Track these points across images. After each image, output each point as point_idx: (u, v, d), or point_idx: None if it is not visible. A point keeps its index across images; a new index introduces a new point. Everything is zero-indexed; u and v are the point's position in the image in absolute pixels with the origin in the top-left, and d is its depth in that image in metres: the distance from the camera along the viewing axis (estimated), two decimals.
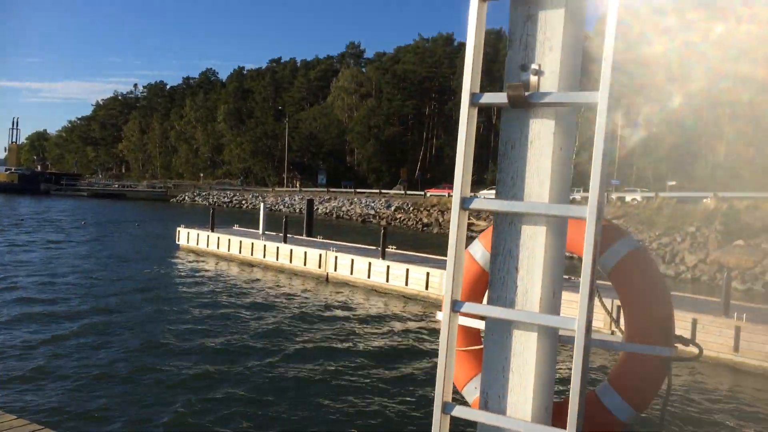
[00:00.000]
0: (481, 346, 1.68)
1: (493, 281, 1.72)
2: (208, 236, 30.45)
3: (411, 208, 58.12)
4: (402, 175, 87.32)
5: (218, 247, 29.65)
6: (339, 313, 18.65)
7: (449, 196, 57.78)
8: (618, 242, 2.63)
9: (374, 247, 25.06)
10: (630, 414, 2.55)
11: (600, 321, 14.27)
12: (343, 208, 66.17)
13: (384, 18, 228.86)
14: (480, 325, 2.59)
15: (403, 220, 56.79)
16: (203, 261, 28.16)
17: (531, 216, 1.65)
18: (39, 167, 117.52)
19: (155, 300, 19.07)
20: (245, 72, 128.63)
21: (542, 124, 1.63)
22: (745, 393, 12.58)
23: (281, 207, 70.68)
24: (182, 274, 24.65)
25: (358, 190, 77.88)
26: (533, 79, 1.62)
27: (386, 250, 23.27)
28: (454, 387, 2.76)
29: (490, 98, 1.66)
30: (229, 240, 29.14)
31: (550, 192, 1.63)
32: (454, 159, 1.67)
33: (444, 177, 79.44)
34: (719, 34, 65.30)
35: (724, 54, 64.11)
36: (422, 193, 67.45)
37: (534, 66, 1.62)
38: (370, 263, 22.79)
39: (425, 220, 53.71)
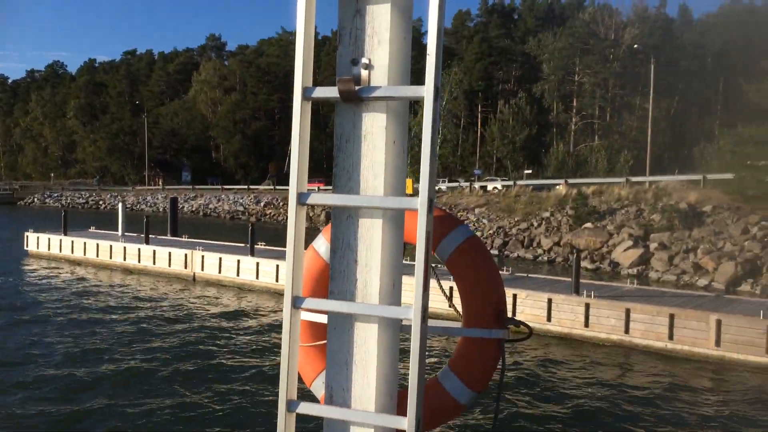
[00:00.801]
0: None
1: (334, 275, 1.73)
2: (60, 240, 28.42)
3: (281, 203, 57.47)
4: (271, 170, 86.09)
5: (72, 252, 27.76)
6: (204, 314, 18.10)
7: (319, 189, 57.77)
8: (454, 231, 2.73)
9: (243, 245, 24.55)
10: (469, 396, 2.68)
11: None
12: (210, 206, 64.30)
13: (245, 10, 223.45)
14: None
15: (273, 215, 56.08)
16: (56, 268, 26.23)
17: (367, 209, 1.67)
18: None
19: (4, 318, 17.42)
20: (97, 65, 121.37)
21: (374, 118, 1.65)
22: (594, 363, 13.62)
23: (143, 206, 67.54)
24: (33, 284, 22.81)
25: (226, 187, 75.91)
26: (364, 73, 1.63)
27: (255, 246, 22.87)
28: (304, 384, 2.75)
29: (322, 92, 1.66)
30: (85, 243, 27.37)
31: (385, 185, 1.66)
32: (323, 153, 1.67)
33: (314, 171, 79.03)
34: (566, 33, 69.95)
35: (574, 50, 68.74)
36: None
37: (364, 60, 1.63)
38: (239, 261, 22.31)
39: None
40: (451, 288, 3.45)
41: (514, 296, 16.03)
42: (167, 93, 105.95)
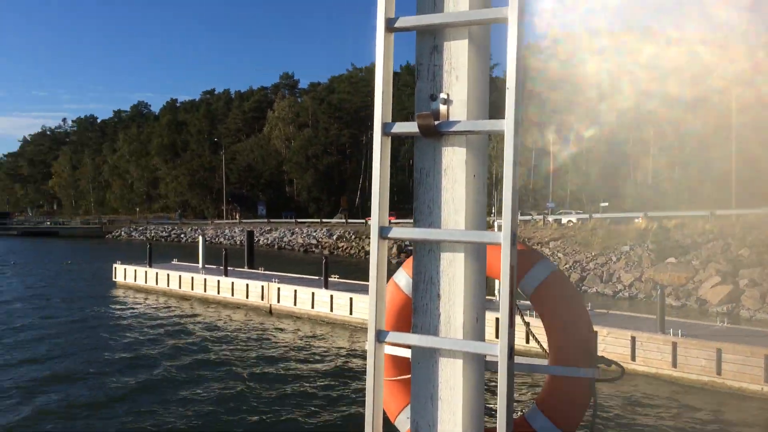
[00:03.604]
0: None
1: (417, 309, 1.72)
2: (146, 272, 29.60)
3: (353, 237, 58.05)
4: (342, 204, 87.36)
5: (157, 283, 28.84)
6: (284, 345, 18.33)
7: (391, 223, 57.94)
8: (537, 266, 2.65)
9: (317, 277, 24.84)
10: None
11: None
12: (285, 239, 65.53)
13: (316, 48, 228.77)
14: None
15: (346, 248, 56.64)
16: (142, 298, 27.30)
17: (449, 243, 1.66)
18: None
19: (94, 345, 18.14)
20: (178, 104, 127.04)
21: (454, 153, 1.65)
22: (685, 406, 12.92)
23: (221, 239, 69.50)
24: (120, 313, 23.80)
25: (299, 220, 77.38)
26: (443, 108, 1.64)
27: (329, 279, 23.10)
28: (387, 418, 2.72)
29: (402, 128, 1.67)
30: (168, 275, 28.40)
31: (466, 218, 1.65)
32: (394, 186, 1.69)
33: None
34: (649, 55, 68.25)
35: (653, 75, 67.01)
36: (363, 221, 67.46)
37: (442, 95, 1.64)
38: (313, 293, 22.57)
39: (367, 249, 53.70)
40: (527, 323, 3.34)
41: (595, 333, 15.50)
42: (243, 130, 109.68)
